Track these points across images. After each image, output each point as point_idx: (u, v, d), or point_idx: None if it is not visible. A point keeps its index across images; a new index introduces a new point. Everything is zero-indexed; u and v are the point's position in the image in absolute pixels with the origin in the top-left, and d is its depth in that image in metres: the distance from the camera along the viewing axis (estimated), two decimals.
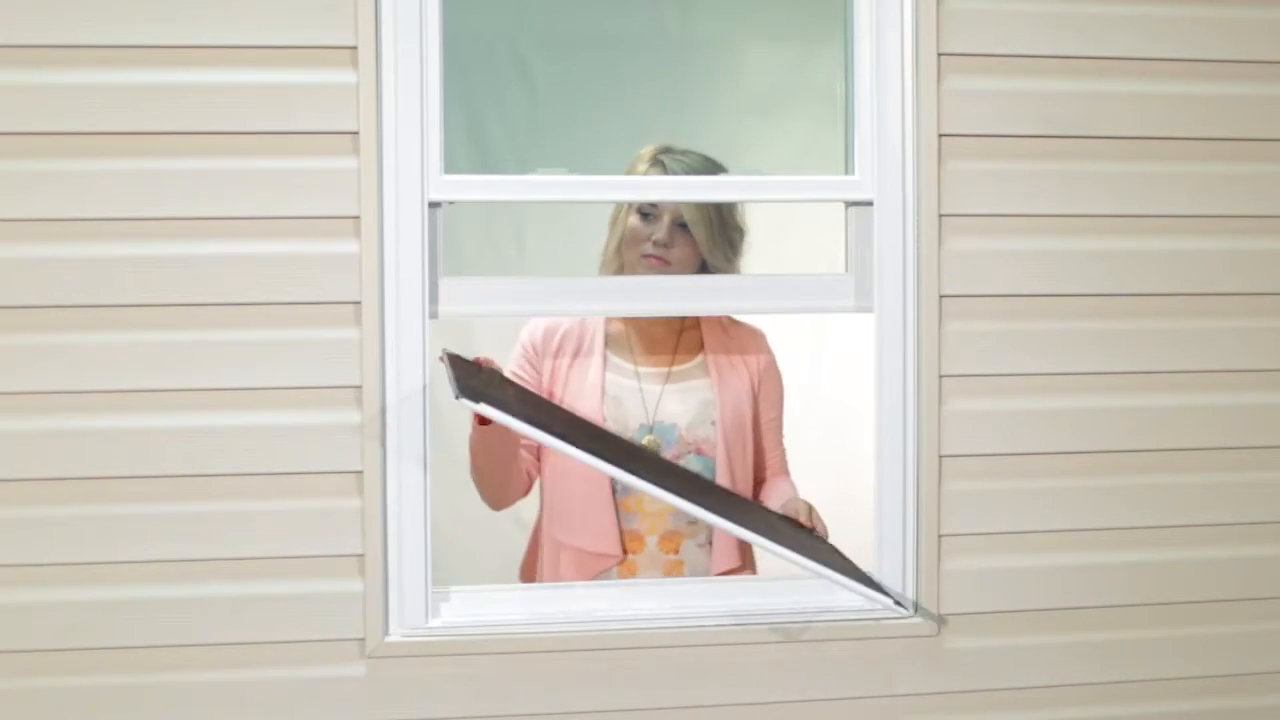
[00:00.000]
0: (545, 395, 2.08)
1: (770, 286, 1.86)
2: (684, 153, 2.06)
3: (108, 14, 1.66)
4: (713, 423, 2.06)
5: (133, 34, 1.67)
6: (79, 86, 1.67)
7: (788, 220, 2.67)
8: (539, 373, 2.09)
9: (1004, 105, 1.81)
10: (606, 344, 2.10)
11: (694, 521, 2.03)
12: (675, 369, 2.10)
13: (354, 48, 1.70)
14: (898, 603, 1.82)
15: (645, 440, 2.05)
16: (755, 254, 2.53)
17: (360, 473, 1.74)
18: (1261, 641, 1.92)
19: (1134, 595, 1.88)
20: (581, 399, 2.06)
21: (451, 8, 1.75)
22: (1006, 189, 1.82)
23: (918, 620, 1.84)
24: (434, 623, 1.78)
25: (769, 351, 2.15)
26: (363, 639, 1.75)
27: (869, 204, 1.83)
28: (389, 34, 1.72)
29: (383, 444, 1.74)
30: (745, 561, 2.09)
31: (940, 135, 1.79)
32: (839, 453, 2.74)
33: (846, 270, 1.86)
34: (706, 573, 2.06)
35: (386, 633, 1.76)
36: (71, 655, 1.72)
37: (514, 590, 1.90)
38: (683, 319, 2.13)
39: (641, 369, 2.09)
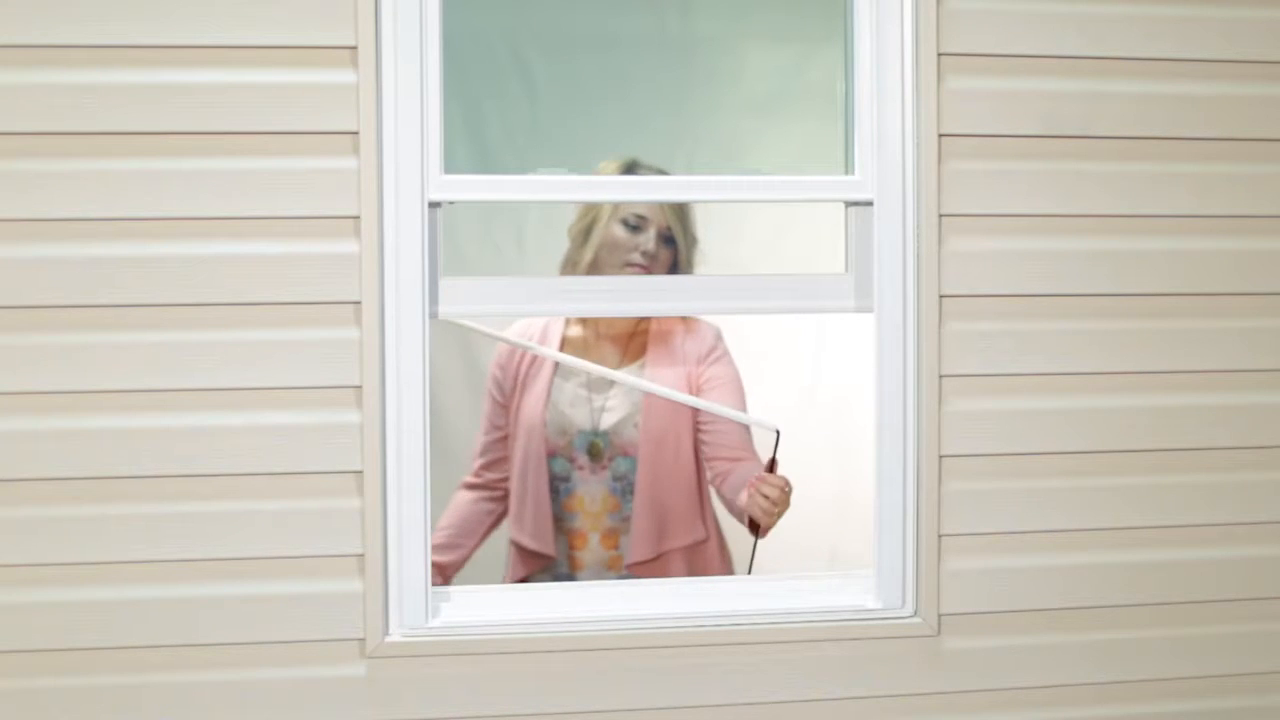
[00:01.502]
0: (510, 409, 2.23)
1: (770, 286, 1.86)
2: (657, 170, 2.13)
3: (108, 14, 1.66)
4: (635, 425, 2.11)
5: (133, 34, 1.67)
6: (79, 86, 1.66)
7: (787, 220, 2.67)
8: (506, 389, 2.22)
9: (1004, 105, 1.81)
10: (563, 349, 2.16)
11: (627, 518, 2.16)
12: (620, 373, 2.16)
13: (354, 48, 1.70)
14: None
15: (588, 445, 2.18)
16: (755, 254, 2.53)
17: (360, 473, 1.73)
18: (1261, 641, 1.92)
19: (1134, 595, 1.88)
20: (530, 408, 2.18)
21: (451, 8, 1.75)
22: (1006, 189, 1.82)
23: (917, 620, 1.84)
24: (434, 623, 1.78)
25: (714, 346, 2.20)
26: (363, 639, 1.75)
27: (869, 204, 1.83)
28: (389, 34, 1.72)
29: (383, 444, 1.74)
30: (660, 555, 2.18)
31: (940, 135, 1.79)
32: (839, 453, 2.74)
33: (846, 270, 1.86)
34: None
35: (386, 633, 1.76)
36: (71, 655, 1.72)
37: (514, 590, 1.91)
38: (635, 324, 2.18)
39: (592, 375, 2.14)
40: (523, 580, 2.21)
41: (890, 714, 1.86)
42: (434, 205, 1.76)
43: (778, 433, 2.08)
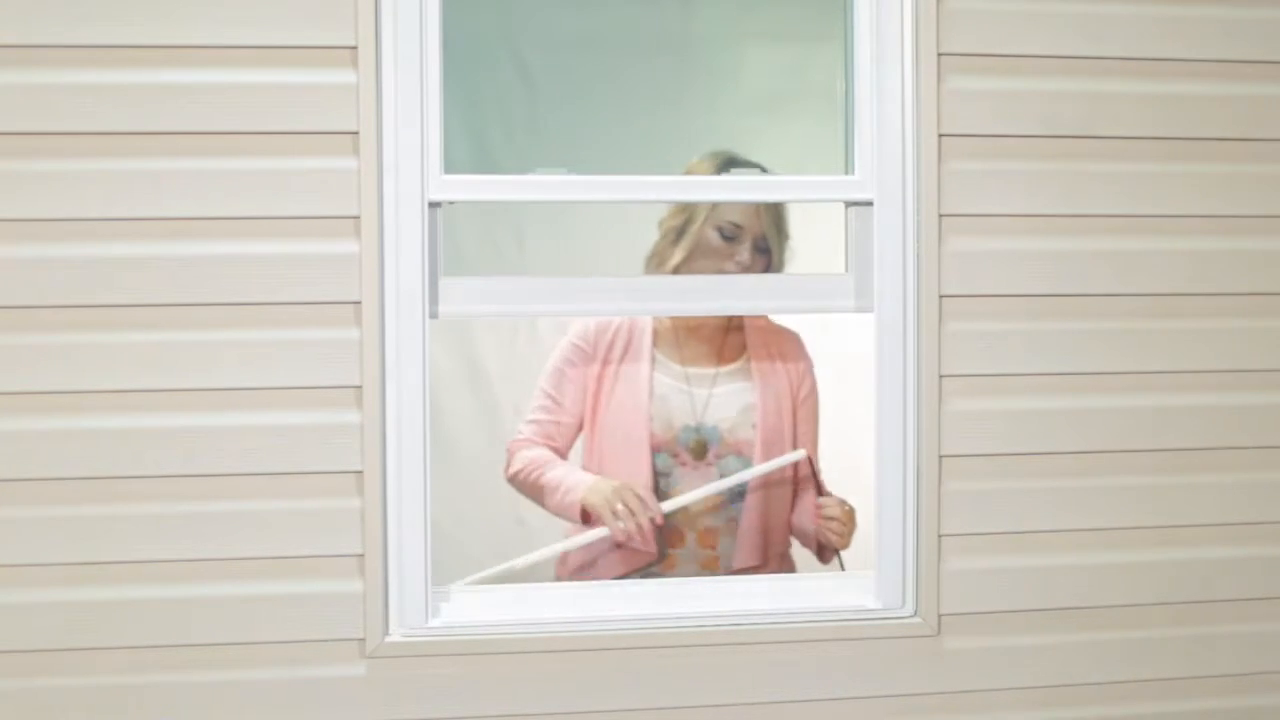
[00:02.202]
0: (592, 394, 2.14)
1: (770, 286, 1.86)
2: (754, 165, 2.09)
3: (107, 13, 1.66)
4: (753, 425, 2.10)
5: (133, 34, 1.67)
6: (79, 86, 1.66)
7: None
8: (588, 370, 2.14)
9: (1004, 105, 1.81)
10: (654, 343, 2.13)
11: (732, 518, 2.11)
12: (722, 371, 2.14)
13: (354, 48, 1.70)
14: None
15: (691, 441, 2.11)
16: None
17: (360, 473, 1.73)
18: (1263, 641, 1.92)
19: (1134, 595, 1.88)
20: (630, 398, 2.11)
21: (451, 8, 1.75)
22: (1006, 189, 1.82)
23: (917, 620, 1.84)
24: (434, 623, 1.78)
25: (807, 357, 2.19)
26: (363, 639, 1.75)
27: (869, 204, 1.83)
28: (389, 34, 1.72)
29: (383, 444, 1.74)
30: (766, 561, 2.13)
31: (940, 135, 1.79)
32: (839, 453, 2.74)
33: (846, 270, 1.86)
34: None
35: (386, 633, 1.76)
36: (71, 655, 1.72)
37: (514, 590, 1.90)
38: (728, 320, 2.16)
39: (690, 370, 2.14)
40: (620, 579, 2.11)
41: (890, 714, 1.86)
42: (434, 205, 1.76)
43: (809, 458, 2.11)
